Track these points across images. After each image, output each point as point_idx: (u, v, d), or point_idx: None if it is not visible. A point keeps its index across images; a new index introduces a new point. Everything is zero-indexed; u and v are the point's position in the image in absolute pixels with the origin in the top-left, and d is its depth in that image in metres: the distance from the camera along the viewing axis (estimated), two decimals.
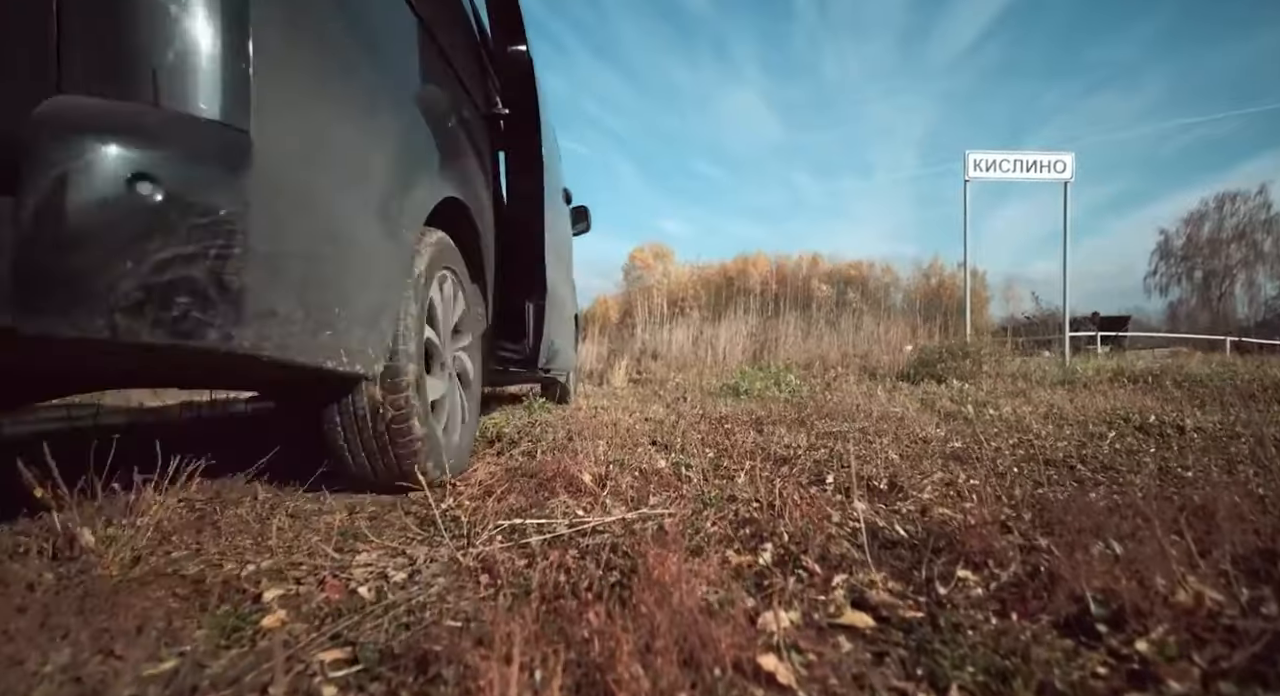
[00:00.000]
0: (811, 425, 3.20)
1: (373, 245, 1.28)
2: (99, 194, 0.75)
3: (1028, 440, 2.60)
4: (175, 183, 0.80)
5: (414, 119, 1.50)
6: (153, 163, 0.78)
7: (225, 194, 0.84)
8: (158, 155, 0.79)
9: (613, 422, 3.13)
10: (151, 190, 0.78)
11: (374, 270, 1.28)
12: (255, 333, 0.90)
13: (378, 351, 1.30)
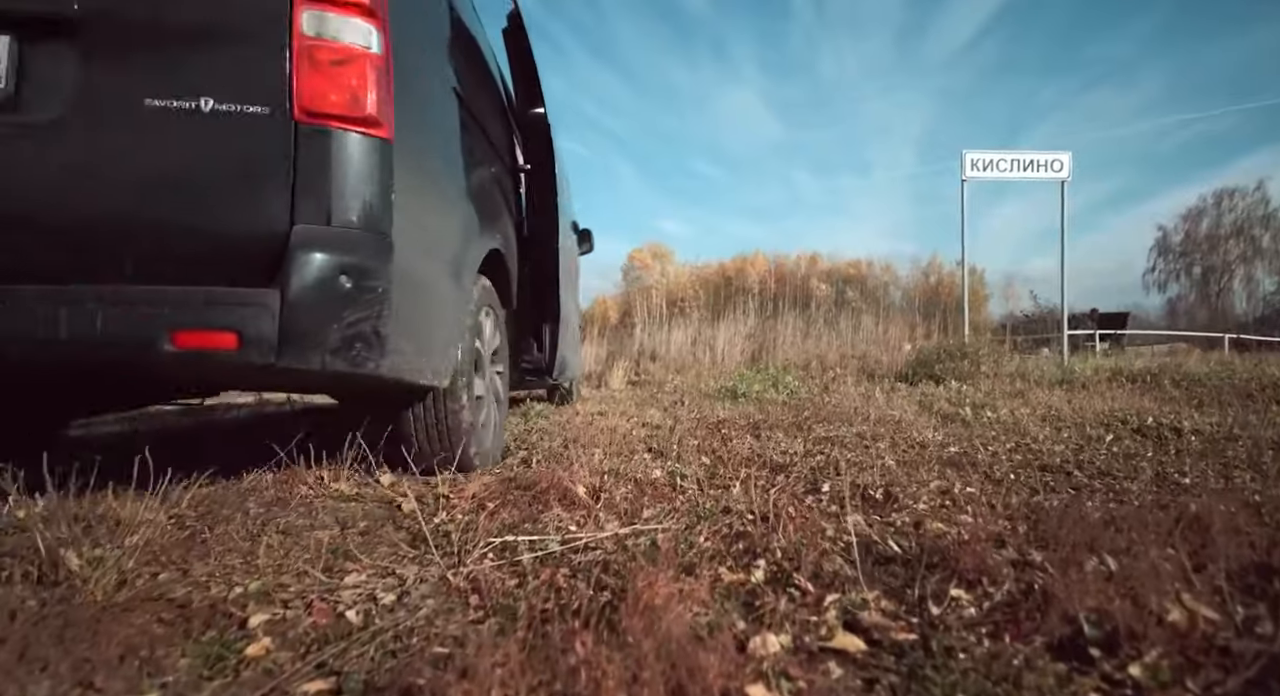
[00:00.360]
0: (809, 429, 3.19)
1: (448, 296, 1.77)
2: (321, 285, 1.25)
3: (1025, 444, 2.59)
4: (358, 276, 1.30)
5: (472, 196, 1.95)
6: (347, 266, 1.28)
7: (380, 278, 1.33)
8: (349, 261, 1.29)
9: (610, 429, 3.12)
10: (347, 281, 1.28)
11: (448, 314, 1.77)
12: (391, 363, 1.38)
13: (448, 369, 1.77)
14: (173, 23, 1.26)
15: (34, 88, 1.22)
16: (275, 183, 1.26)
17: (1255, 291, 42.99)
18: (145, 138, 1.23)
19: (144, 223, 1.25)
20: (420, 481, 1.97)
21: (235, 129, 1.24)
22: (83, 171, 1.22)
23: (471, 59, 2.22)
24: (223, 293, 1.22)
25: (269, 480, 1.81)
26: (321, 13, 1.27)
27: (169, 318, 1.19)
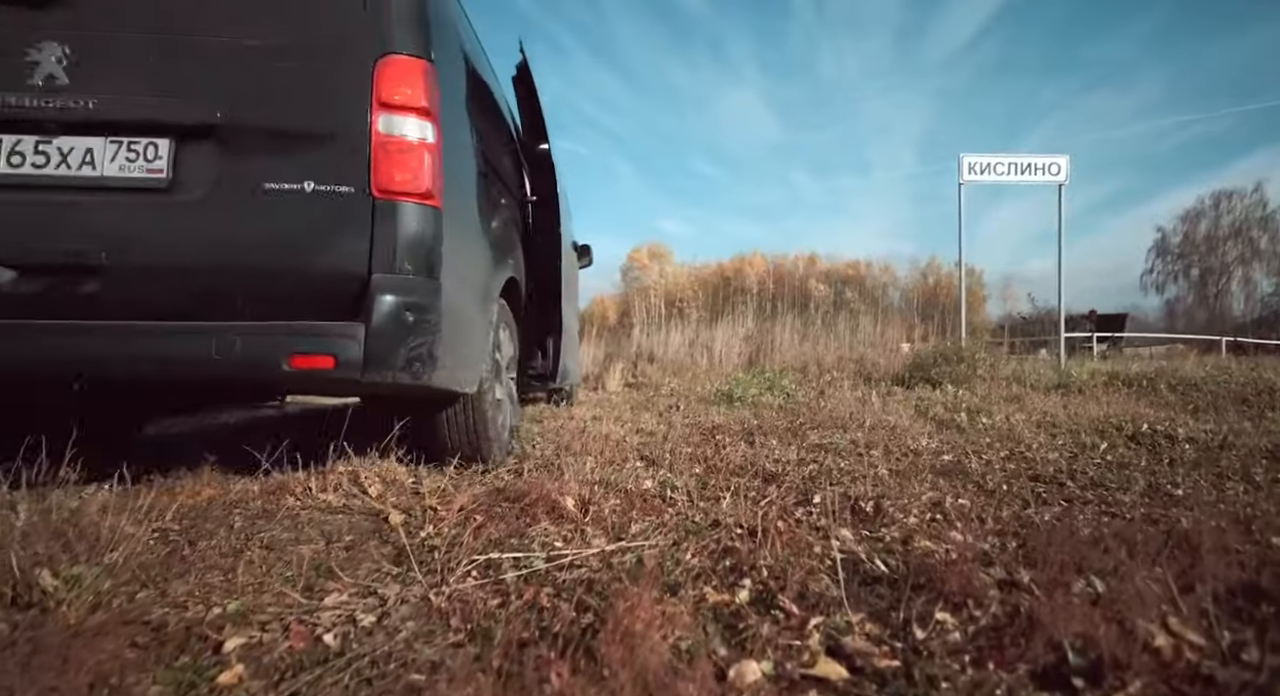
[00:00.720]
0: (803, 436, 3.18)
1: (478, 320, 2.18)
2: (392, 320, 1.64)
3: (1019, 452, 2.58)
4: (418, 311, 1.69)
5: (494, 238, 2.36)
6: (410, 304, 1.67)
7: (433, 313, 1.72)
8: (412, 300, 1.68)
9: (603, 435, 3.10)
10: (410, 316, 1.67)
11: (477, 334, 2.16)
12: (440, 376, 1.77)
13: (477, 378, 2.15)
14: (285, 128, 1.67)
15: (186, 175, 1.63)
16: (358, 243, 1.65)
17: (1253, 293, 43.02)
18: (265, 211, 1.63)
19: (265, 274, 1.65)
20: (409, 492, 1.96)
21: (329, 204, 1.64)
22: (221, 237, 1.63)
23: (491, 115, 2.61)
24: (324, 325, 1.62)
25: (256, 491, 1.80)
26: (391, 116, 1.69)
27: (286, 345, 1.59)
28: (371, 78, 1.68)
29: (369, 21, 1.70)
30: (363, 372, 1.60)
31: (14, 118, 1.57)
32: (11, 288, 1.54)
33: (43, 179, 1.58)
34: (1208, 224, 43.22)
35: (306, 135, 1.68)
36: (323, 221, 1.64)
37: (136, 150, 1.62)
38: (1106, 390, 5.26)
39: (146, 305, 1.60)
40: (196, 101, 1.63)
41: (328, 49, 1.70)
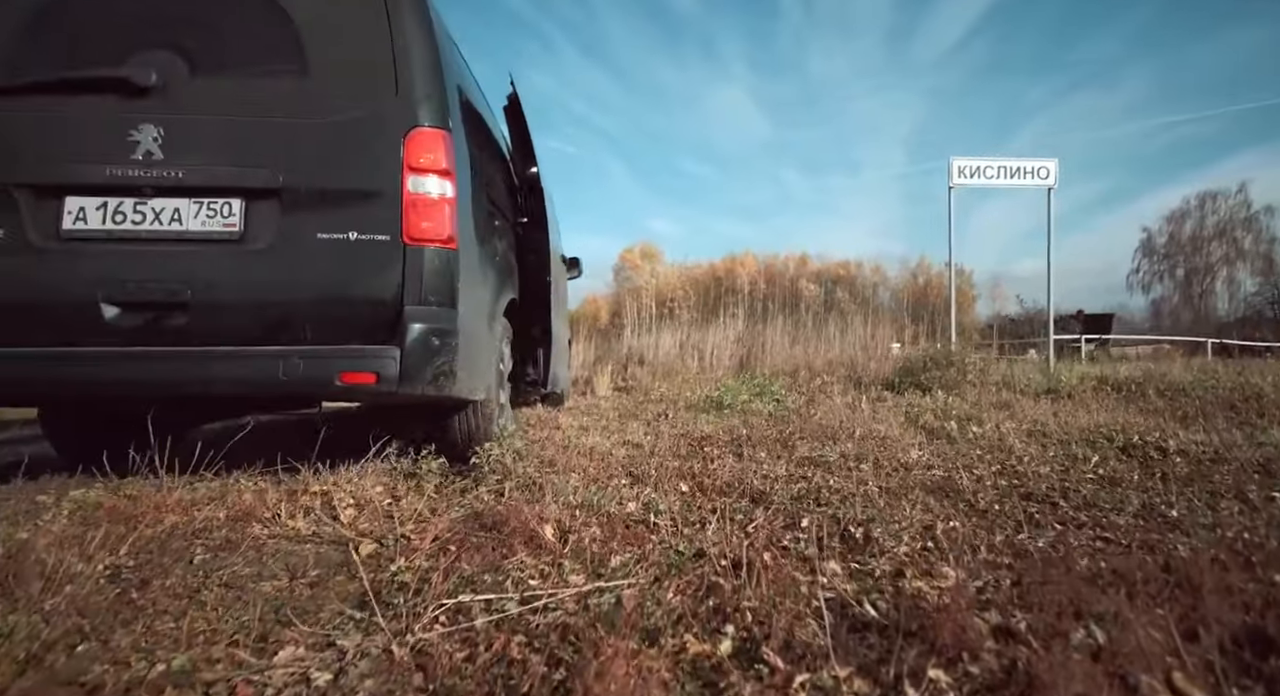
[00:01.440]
0: (792, 447, 3.13)
1: (486, 338, 2.54)
2: (422, 343, 2.02)
3: (1010, 466, 2.54)
4: (442, 335, 2.06)
5: (498, 266, 2.71)
6: (435, 329, 2.05)
7: (453, 336, 2.09)
8: (436, 326, 2.05)
9: (589, 448, 3.04)
10: (436, 340, 2.04)
11: (486, 350, 2.53)
12: (458, 387, 2.15)
13: (485, 387, 2.50)
14: (334, 189, 2.04)
15: (255, 228, 2.00)
16: (393, 280, 2.02)
17: (1237, 293, 43.56)
18: (318, 256, 2.00)
19: (319, 306, 2.01)
20: (383, 515, 1.89)
21: (370, 249, 2.01)
22: (283, 277, 2.00)
23: (489, 150, 2.90)
24: (367, 348, 2.00)
25: (222, 517, 1.72)
26: (418, 177, 2.07)
27: (338, 364, 1.97)
28: (403, 147, 2.06)
29: (400, 103, 2.10)
30: (399, 386, 1.97)
31: (118, 185, 1.95)
32: (115, 321, 1.92)
33: (140, 233, 1.96)
34: (1193, 224, 43.73)
35: (351, 194, 2.04)
36: (364, 264, 2.01)
37: (215, 209, 1.99)
38: (1096, 395, 5.26)
39: (224, 333, 1.96)
40: (263, 169, 2.00)
41: (367, 125, 2.08)
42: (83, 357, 1.91)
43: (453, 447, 2.60)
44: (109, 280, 1.92)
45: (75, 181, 1.96)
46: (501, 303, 2.78)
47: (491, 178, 2.83)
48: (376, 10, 2.15)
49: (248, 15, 2.12)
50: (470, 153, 2.46)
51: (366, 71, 2.11)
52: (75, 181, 1.96)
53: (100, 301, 1.91)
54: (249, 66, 2.10)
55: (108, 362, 1.91)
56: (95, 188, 1.96)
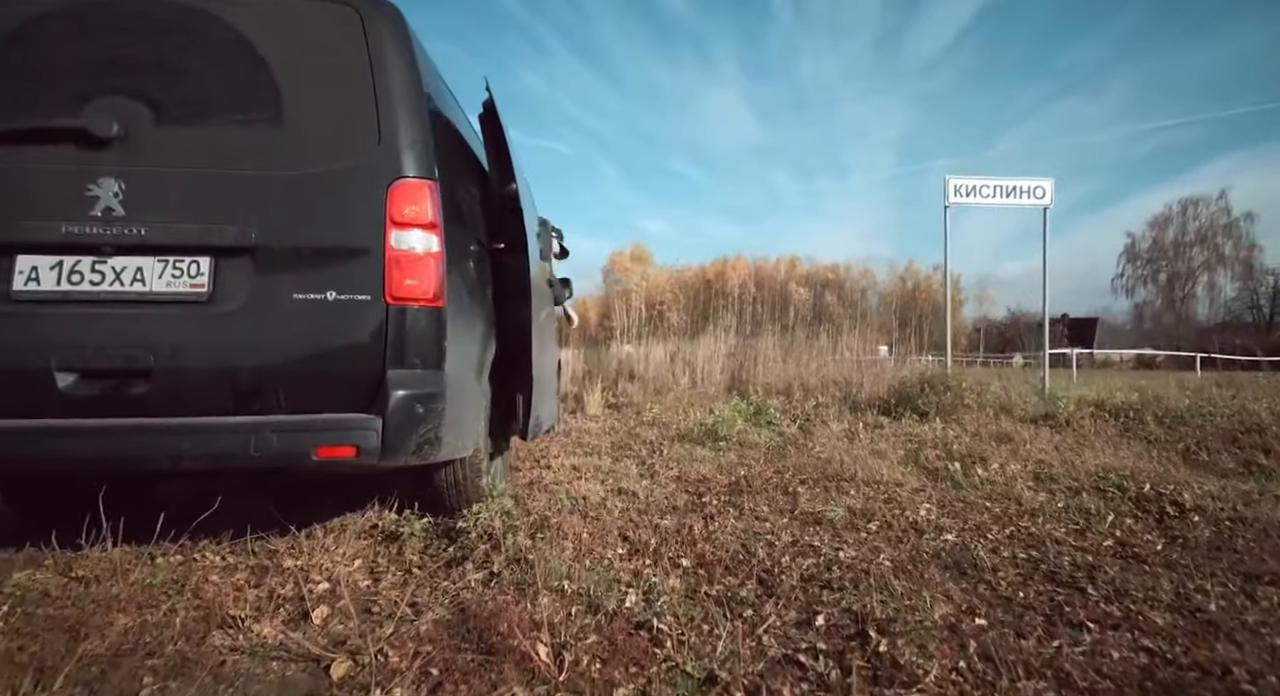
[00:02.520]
0: (795, 495, 3.00)
1: (475, 393, 2.37)
2: (406, 412, 1.86)
3: (1024, 528, 2.42)
4: (427, 402, 1.90)
5: (487, 316, 2.53)
6: (420, 396, 1.89)
7: (439, 401, 1.94)
8: (421, 392, 1.90)
9: (582, 498, 2.90)
10: (420, 408, 1.88)
11: (473, 404, 2.35)
12: (443, 452, 2.00)
13: (472, 443, 2.34)
14: (311, 246, 1.87)
15: (225, 288, 1.83)
16: (375, 342, 1.87)
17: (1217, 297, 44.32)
18: (294, 318, 1.84)
19: (295, 372, 1.85)
20: (361, 608, 1.73)
21: (350, 310, 1.86)
22: (256, 341, 1.83)
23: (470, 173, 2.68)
24: (346, 419, 1.84)
25: (179, 624, 1.55)
26: (402, 232, 1.91)
27: (315, 438, 1.80)
28: (385, 200, 1.90)
29: (383, 152, 1.93)
30: (380, 458, 1.82)
31: (75, 243, 1.78)
32: (71, 390, 1.76)
33: (99, 294, 1.79)
34: (1175, 229, 44.43)
35: (330, 251, 1.89)
36: (344, 326, 1.86)
37: (181, 268, 1.83)
38: (1094, 422, 5.19)
39: (190, 403, 1.81)
40: (233, 225, 1.84)
41: (347, 177, 1.91)
42: (34, 432, 1.73)
43: (439, 501, 2.47)
44: (64, 346, 1.75)
45: (27, 239, 1.78)
46: (490, 351, 2.58)
47: (472, 207, 2.59)
48: (357, 51, 1.97)
49: (218, 58, 1.93)
50: (454, 195, 2.29)
51: (346, 118, 1.94)
52: (27, 239, 1.78)
53: (54, 369, 1.74)
54: (219, 114, 1.91)
55: (62, 437, 1.74)
56: (50, 246, 1.78)
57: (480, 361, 2.45)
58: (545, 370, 3.25)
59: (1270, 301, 43.30)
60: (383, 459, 1.83)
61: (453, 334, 2.04)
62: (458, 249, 2.23)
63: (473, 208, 2.59)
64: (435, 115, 2.24)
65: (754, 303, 44.13)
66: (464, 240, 2.34)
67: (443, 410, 1.95)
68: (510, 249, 2.66)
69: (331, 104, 1.96)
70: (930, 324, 41.59)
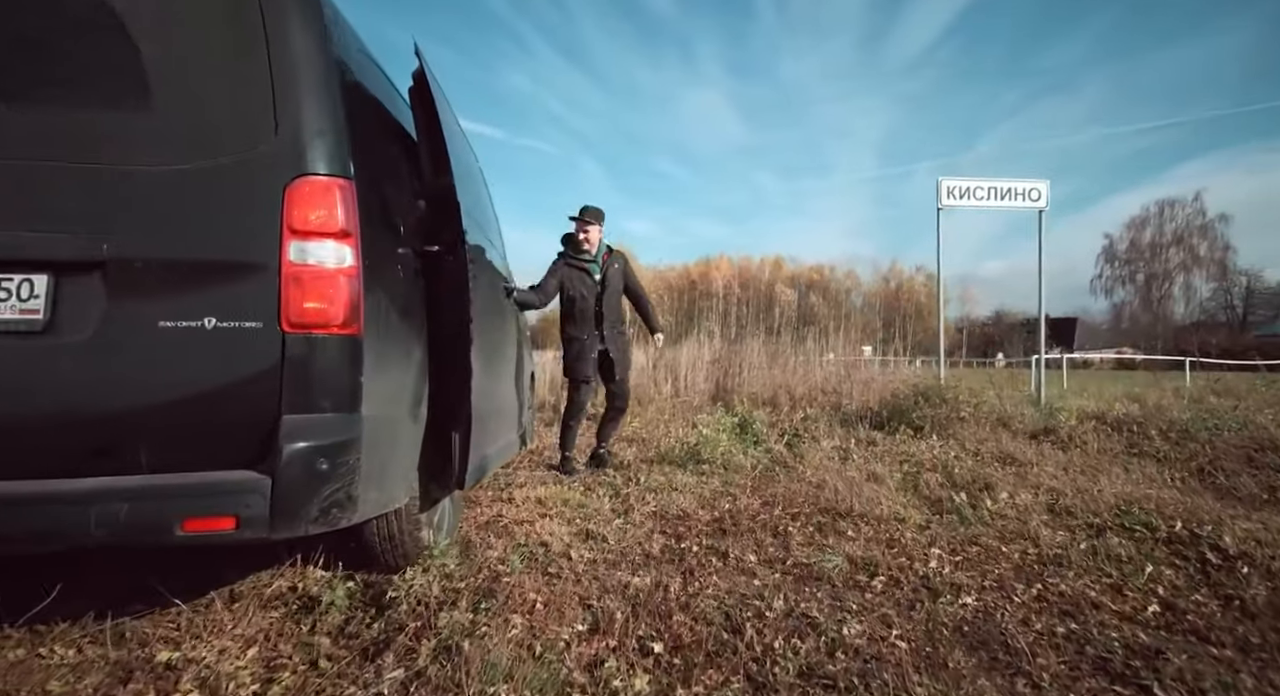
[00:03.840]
0: (786, 536, 2.65)
1: (409, 432, 1.97)
2: (304, 470, 1.49)
3: (1053, 586, 2.09)
4: (334, 455, 1.53)
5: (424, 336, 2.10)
6: (325, 448, 1.52)
7: (351, 453, 1.56)
8: (326, 444, 1.52)
9: (542, 543, 2.52)
10: (324, 463, 1.51)
11: (408, 446, 1.97)
12: (360, 512, 1.63)
13: (404, 491, 1.95)
14: (183, 262, 1.49)
15: (67, 315, 1.45)
16: (267, 382, 1.50)
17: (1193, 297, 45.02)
18: (159, 353, 1.46)
19: (159, 422, 1.46)
20: None
21: (235, 341, 1.49)
22: (108, 383, 1.45)
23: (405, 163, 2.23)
24: (223, 480, 1.46)
25: None
26: (304, 243, 1.54)
27: (179, 508, 1.42)
28: (281, 203, 1.53)
29: (281, 145, 1.55)
30: (270, 530, 1.46)
31: None
32: None
33: None
34: (1152, 231, 45.07)
35: (208, 267, 1.51)
36: (226, 361, 1.49)
37: (9, 289, 1.45)
38: (1097, 436, 4.91)
39: (17, 462, 1.42)
40: (79, 234, 1.47)
41: (232, 175, 1.53)
42: None
43: (372, 558, 2.13)
44: None
45: None
46: (424, 386, 2.15)
47: (411, 210, 2.15)
48: (249, 17, 1.57)
49: (68, 22, 1.52)
50: (383, 196, 1.89)
51: (234, 102, 1.56)
52: None
53: None
54: (67, 93, 1.51)
55: None
56: None
57: (417, 394, 2.06)
58: (498, 398, 2.81)
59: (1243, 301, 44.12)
60: (274, 530, 1.47)
61: (375, 366, 1.68)
62: (387, 262, 1.84)
63: (412, 211, 2.18)
64: (356, 98, 1.83)
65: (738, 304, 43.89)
66: (397, 251, 1.95)
67: (356, 463, 1.57)
68: (447, 252, 2.16)
69: (214, 83, 1.57)
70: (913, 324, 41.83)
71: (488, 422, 2.49)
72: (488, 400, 2.53)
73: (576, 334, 4.10)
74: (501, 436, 2.83)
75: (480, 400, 2.27)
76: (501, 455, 2.86)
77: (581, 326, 4.09)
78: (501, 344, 3.01)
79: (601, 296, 4.10)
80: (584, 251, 4.08)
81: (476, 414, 2.17)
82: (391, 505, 1.89)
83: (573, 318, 4.10)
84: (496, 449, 2.70)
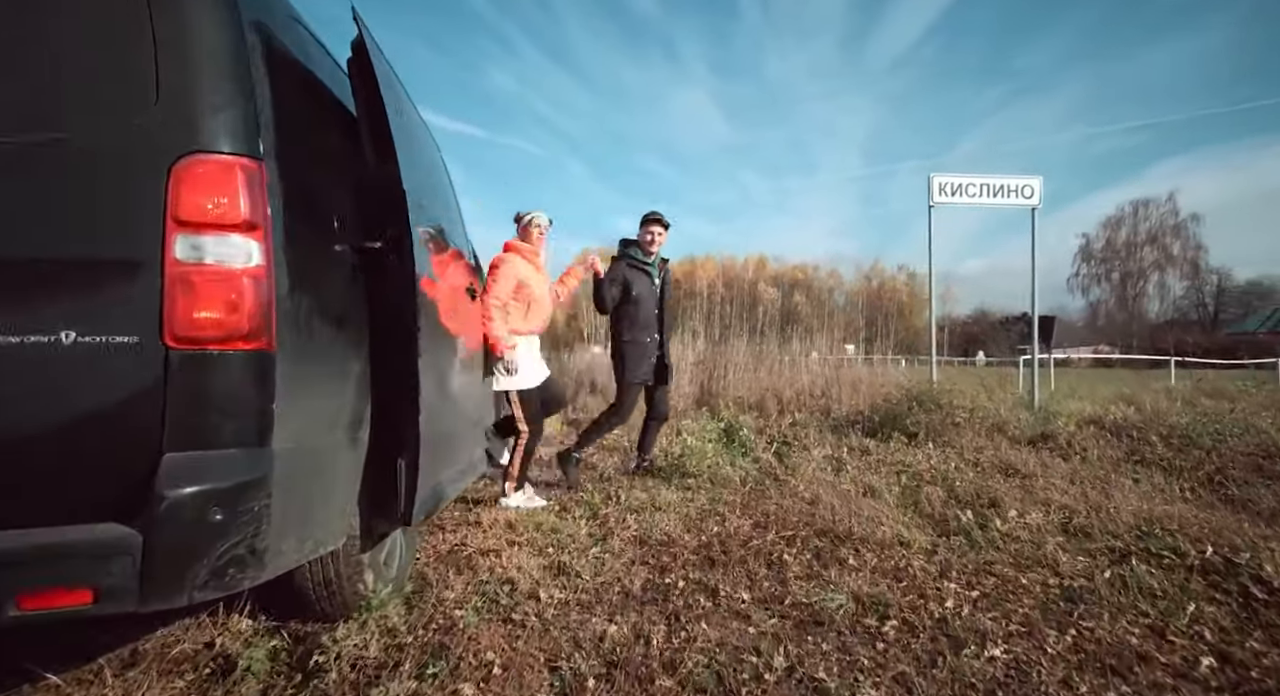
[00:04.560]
0: (782, 567, 2.38)
1: (346, 461, 1.68)
2: (188, 523, 1.18)
3: (1089, 633, 1.83)
4: (232, 501, 1.22)
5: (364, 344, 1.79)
6: (219, 494, 1.21)
7: (257, 496, 1.26)
8: (222, 487, 1.21)
9: (506, 580, 2.22)
10: (218, 513, 1.20)
11: (345, 479, 1.68)
12: (272, 568, 1.33)
13: (344, 530, 1.69)
14: (32, 261, 1.21)
15: None
16: (143, 412, 1.21)
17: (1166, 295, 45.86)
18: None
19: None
20: None
21: (99, 360, 1.20)
22: None
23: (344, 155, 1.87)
24: (80, 542, 1.16)
25: None
26: (196, 237, 1.26)
27: (13, 579, 1.13)
28: (164, 187, 1.24)
29: (163, 116, 1.26)
30: (140, 603, 1.17)
31: None
32: None
33: None
34: (1128, 230, 45.80)
35: (65, 267, 1.22)
36: (88, 386, 1.21)
37: None
38: (1097, 443, 4.72)
39: None
40: None
41: (103, 152, 1.24)
42: None
43: (305, 607, 1.85)
44: None
45: None
46: (365, 406, 1.84)
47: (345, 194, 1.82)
48: None
49: None
50: (310, 181, 1.57)
51: (105, 64, 1.27)
52: None
53: None
54: None
55: None
56: None
57: (356, 415, 1.75)
58: (457, 415, 2.46)
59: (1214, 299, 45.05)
60: (145, 602, 1.17)
61: (294, 387, 1.39)
62: (313, 261, 1.55)
63: (350, 202, 1.85)
64: (281, 69, 1.52)
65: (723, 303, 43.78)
66: (330, 248, 1.66)
67: (264, 509, 1.28)
68: (390, 250, 1.84)
69: (77, 41, 1.27)
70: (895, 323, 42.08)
71: (442, 445, 2.17)
72: (443, 419, 2.20)
73: (639, 337, 3.95)
74: (461, 457, 2.50)
75: (433, 420, 1.96)
76: (463, 478, 2.53)
77: (645, 329, 3.97)
78: (465, 351, 2.68)
79: (661, 300, 4.07)
80: (650, 254, 4.02)
81: (427, 436, 1.85)
82: (322, 549, 1.61)
83: (635, 320, 3.94)
84: (456, 472, 2.38)
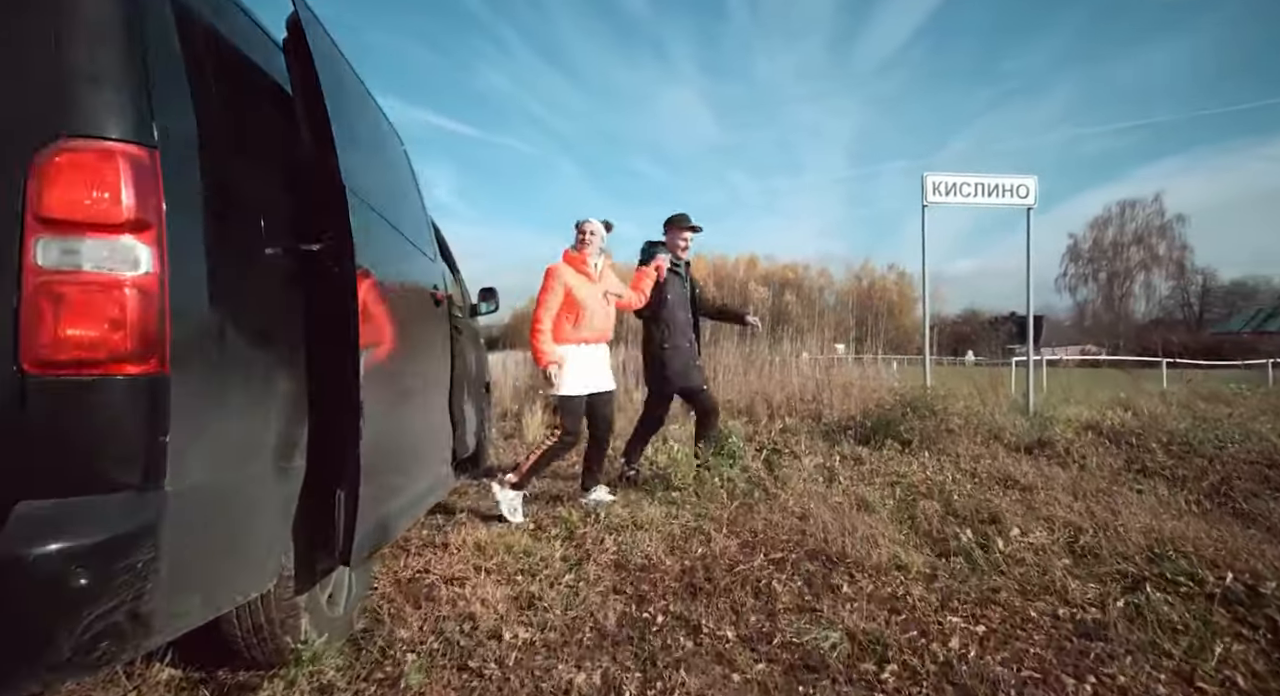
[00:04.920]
0: (770, 598, 2.19)
1: (274, 493, 1.47)
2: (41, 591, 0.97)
3: (1111, 679, 1.66)
4: (104, 559, 1.01)
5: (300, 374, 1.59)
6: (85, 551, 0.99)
7: (142, 548, 1.04)
8: (92, 542, 1.00)
9: (467, 617, 2.01)
10: (84, 576, 0.98)
11: (274, 514, 1.48)
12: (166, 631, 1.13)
13: (274, 572, 1.49)
14: None
15: None
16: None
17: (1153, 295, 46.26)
18: None
19: None
20: None
21: None
22: None
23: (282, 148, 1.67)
24: None
25: None
26: (63, 240, 1.06)
27: None
28: (24, 181, 1.04)
29: (23, 91, 1.06)
30: None
31: None
32: None
33: None
34: (1114, 230, 46.16)
35: None
36: None
37: None
38: (1096, 451, 4.57)
39: None
40: None
41: None
42: None
43: (235, 654, 1.68)
44: None
45: None
46: (299, 432, 1.63)
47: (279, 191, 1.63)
48: None
49: None
50: (226, 176, 1.35)
51: None
52: None
53: None
54: None
55: None
56: None
57: (287, 441, 1.54)
58: (413, 434, 2.23)
59: (1200, 299, 45.51)
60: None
61: (200, 414, 1.21)
62: (229, 267, 1.34)
63: (286, 199, 1.63)
64: (199, 47, 1.32)
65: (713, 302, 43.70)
66: (256, 251, 1.46)
67: (152, 564, 1.07)
68: (329, 254, 1.63)
69: None
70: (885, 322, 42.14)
71: (392, 470, 1.94)
72: (396, 439, 1.98)
73: (679, 341, 3.83)
74: (419, 481, 2.28)
75: (382, 443, 1.74)
76: (419, 505, 2.30)
77: (683, 333, 3.87)
78: (426, 363, 2.44)
79: (692, 303, 3.99)
80: (680, 259, 3.92)
81: (373, 463, 1.63)
82: (243, 597, 1.42)
83: (672, 324, 3.82)
84: (410, 498, 2.15)
